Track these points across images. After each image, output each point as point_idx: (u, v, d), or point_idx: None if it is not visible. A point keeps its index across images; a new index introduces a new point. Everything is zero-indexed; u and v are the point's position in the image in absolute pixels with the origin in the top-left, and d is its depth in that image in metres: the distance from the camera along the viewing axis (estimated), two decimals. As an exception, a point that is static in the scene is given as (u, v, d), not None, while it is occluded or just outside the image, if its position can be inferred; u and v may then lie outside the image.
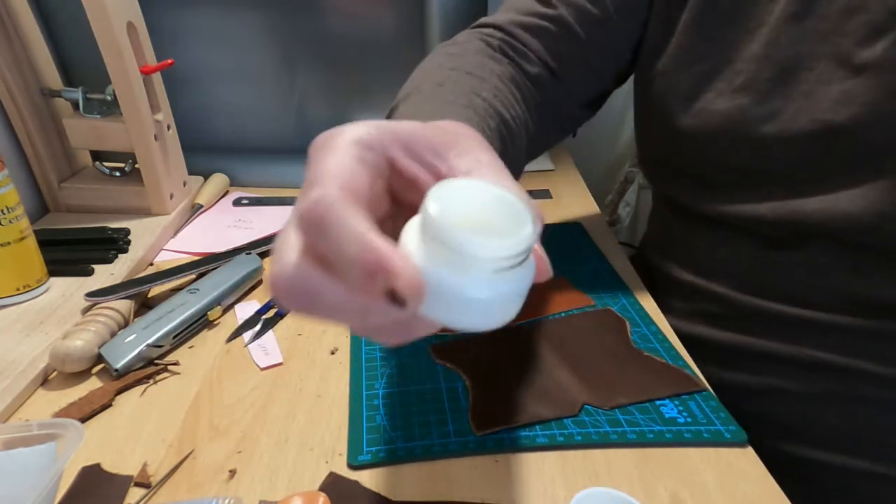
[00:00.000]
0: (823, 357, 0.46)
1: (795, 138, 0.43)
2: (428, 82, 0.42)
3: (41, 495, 0.32)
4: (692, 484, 0.38)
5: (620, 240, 0.95)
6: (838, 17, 0.41)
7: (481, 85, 0.43)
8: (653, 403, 0.43)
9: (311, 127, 0.87)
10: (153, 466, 0.39)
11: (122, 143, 0.66)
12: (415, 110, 0.38)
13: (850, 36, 0.41)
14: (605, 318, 0.53)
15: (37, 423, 0.37)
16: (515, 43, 0.51)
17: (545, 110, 0.52)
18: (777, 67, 0.43)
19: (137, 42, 0.63)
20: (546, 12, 0.51)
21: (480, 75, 0.44)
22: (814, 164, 0.43)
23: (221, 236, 0.69)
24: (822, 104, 0.42)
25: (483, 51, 0.49)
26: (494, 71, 0.46)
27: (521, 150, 0.46)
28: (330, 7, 0.78)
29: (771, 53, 0.44)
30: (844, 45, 0.41)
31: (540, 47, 0.51)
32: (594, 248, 0.65)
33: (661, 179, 0.59)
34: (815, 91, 0.42)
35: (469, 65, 0.46)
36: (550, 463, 0.39)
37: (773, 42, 0.43)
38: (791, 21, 0.42)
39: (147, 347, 0.47)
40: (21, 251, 0.53)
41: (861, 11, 0.40)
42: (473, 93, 0.41)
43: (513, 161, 0.43)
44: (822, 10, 0.41)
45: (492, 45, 0.50)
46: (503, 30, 0.51)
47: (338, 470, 0.38)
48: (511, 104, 0.45)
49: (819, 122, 0.42)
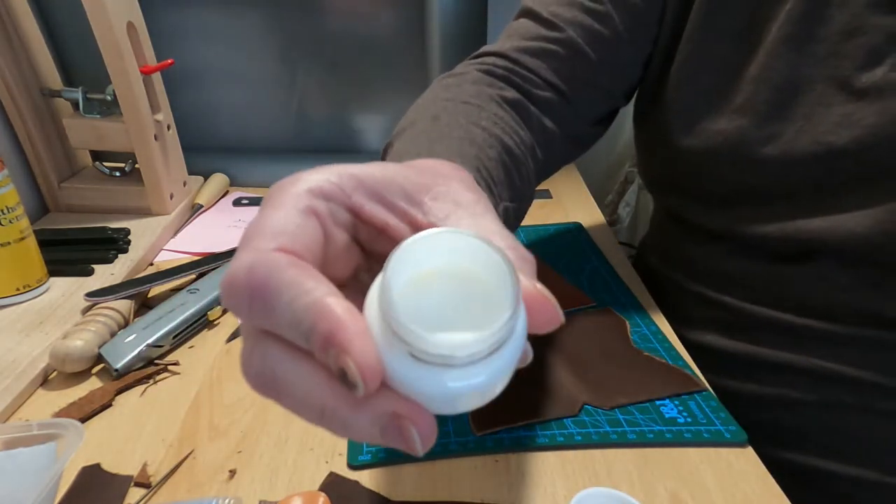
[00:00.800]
0: (835, 368, 0.46)
1: (797, 160, 0.43)
2: (423, 116, 0.41)
3: (41, 495, 0.32)
4: (692, 484, 0.38)
5: (620, 240, 0.95)
6: (836, 39, 0.41)
7: (479, 113, 0.41)
8: (653, 403, 0.43)
9: (311, 127, 0.87)
10: (153, 466, 0.39)
11: (122, 143, 0.66)
12: (407, 147, 0.36)
13: (849, 59, 0.40)
14: (605, 318, 0.53)
15: (37, 423, 0.37)
16: (521, 70, 0.49)
17: (555, 132, 0.50)
18: (775, 89, 0.43)
19: (137, 42, 0.63)
20: (553, 35, 0.49)
21: (478, 103, 0.43)
22: (816, 185, 0.43)
23: (221, 236, 0.69)
24: (822, 126, 0.41)
25: (481, 79, 0.48)
26: (493, 97, 0.45)
27: (529, 174, 0.44)
28: (330, 7, 0.78)
29: (769, 75, 0.43)
30: (843, 69, 0.41)
31: (548, 71, 0.49)
32: (594, 248, 0.65)
33: (664, 196, 0.58)
34: (815, 113, 0.42)
35: (466, 94, 0.44)
36: (550, 463, 0.39)
37: (770, 64, 0.43)
38: (789, 43, 0.42)
39: (147, 347, 0.47)
40: (21, 251, 0.53)
41: (859, 34, 0.40)
42: (471, 122, 0.40)
43: (520, 187, 0.41)
44: (820, 32, 0.41)
45: (494, 73, 0.49)
46: (508, 58, 0.49)
47: (338, 470, 0.38)
48: (513, 130, 0.43)
49: (821, 145, 0.41)
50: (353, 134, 0.88)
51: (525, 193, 0.43)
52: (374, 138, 0.89)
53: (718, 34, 0.46)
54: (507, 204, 0.38)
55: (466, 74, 0.48)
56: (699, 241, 0.54)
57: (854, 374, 0.46)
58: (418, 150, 0.34)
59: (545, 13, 0.49)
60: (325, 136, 0.88)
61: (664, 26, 0.48)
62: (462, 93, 0.44)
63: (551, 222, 0.71)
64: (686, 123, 0.48)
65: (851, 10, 0.40)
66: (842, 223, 0.43)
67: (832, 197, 0.43)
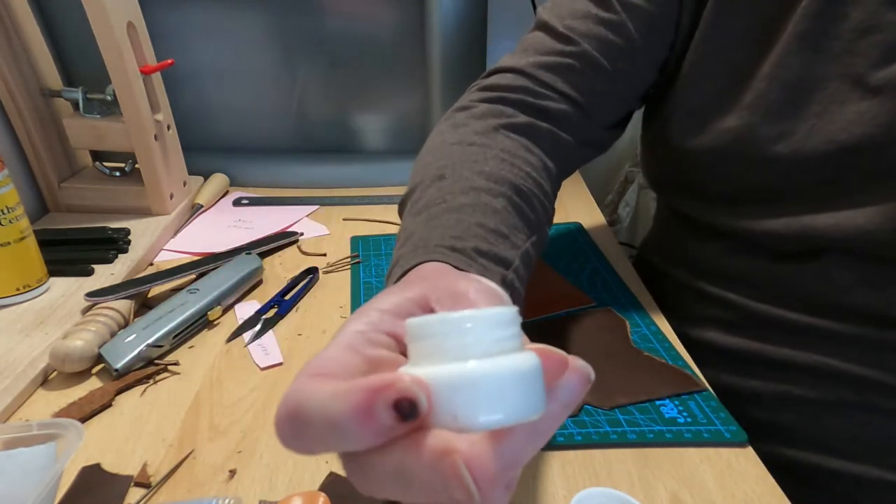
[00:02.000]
0: (837, 366, 0.46)
1: (809, 158, 0.43)
2: (430, 173, 0.43)
3: (41, 495, 0.32)
4: (692, 484, 0.38)
5: (620, 240, 0.95)
6: (851, 37, 0.40)
7: (486, 154, 0.43)
8: (653, 403, 0.43)
9: (311, 127, 0.87)
10: (153, 466, 0.39)
11: (122, 143, 0.66)
12: (413, 228, 0.39)
13: (864, 56, 0.40)
14: (605, 318, 0.53)
15: (37, 423, 0.37)
16: (536, 86, 0.49)
17: (570, 142, 0.50)
18: (788, 87, 0.43)
19: (137, 42, 0.63)
20: (568, 49, 0.49)
21: (484, 142, 0.45)
22: (827, 183, 0.43)
23: (221, 236, 0.69)
24: (835, 124, 0.41)
25: (488, 111, 0.48)
26: (500, 129, 0.46)
27: (543, 198, 0.45)
28: (330, 7, 0.78)
29: (782, 73, 0.43)
30: (858, 66, 0.40)
31: (564, 84, 0.49)
32: (594, 248, 0.65)
33: (668, 194, 0.58)
34: (827, 111, 0.42)
35: (472, 132, 0.46)
36: (550, 463, 0.39)
37: (783, 62, 0.43)
38: (802, 41, 0.42)
39: (147, 347, 0.47)
40: (21, 251, 0.53)
41: (874, 31, 0.39)
42: (475, 173, 0.41)
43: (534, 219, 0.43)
44: (835, 30, 0.41)
45: (506, 100, 0.49)
46: (524, 73, 0.50)
47: (338, 470, 0.38)
48: (523, 160, 0.45)
49: (833, 143, 0.41)
50: (353, 134, 0.88)
51: (542, 220, 0.45)
52: (374, 138, 0.89)
53: (731, 33, 0.45)
54: (526, 246, 0.40)
55: (474, 109, 0.49)
56: (703, 238, 0.54)
57: (856, 371, 0.46)
58: (421, 234, 0.37)
59: (560, 27, 0.48)
60: (325, 136, 0.88)
61: (681, 30, 0.48)
62: (468, 133, 0.46)
63: (551, 222, 0.71)
64: (695, 122, 0.48)
65: (867, 7, 0.40)
66: (851, 219, 0.42)
67: (842, 194, 0.43)
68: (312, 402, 0.19)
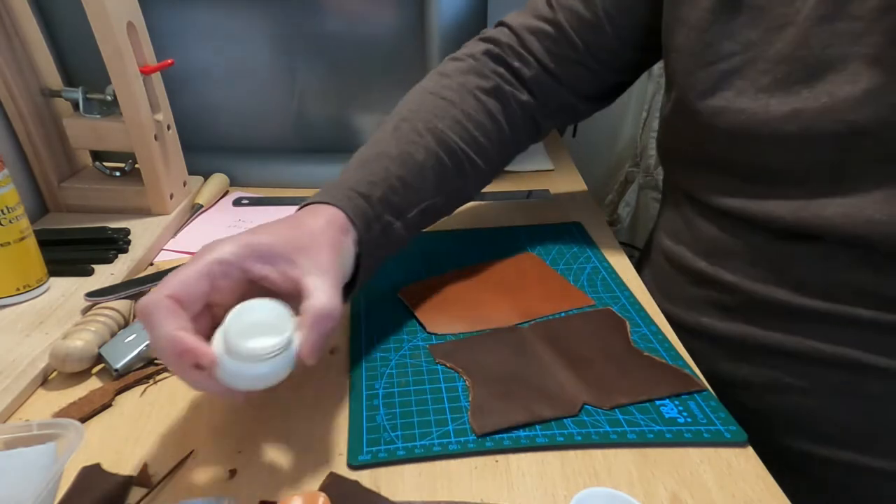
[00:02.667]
0: (829, 350, 0.46)
1: (817, 138, 0.42)
2: (394, 117, 0.52)
3: (41, 495, 0.32)
4: (692, 484, 0.38)
5: (620, 240, 0.95)
6: (872, 16, 0.40)
7: (447, 112, 0.51)
8: (653, 403, 0.43)
9: (311, 127, 0.87)
10: (153, 466, 0.39)
11: (122, 143, 0.66)
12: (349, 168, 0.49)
13: (884, 35, 0.39)
14: (605, 318, 0.53)
15: (37, 423, 0.37)
16: (519, 46, 0.55)
17: (544, 106, 0.55)
18: (805, 68, 0.43)
19: (137, 42, 0.63)
20: (550, 16, 0.54)
21: (452, 98, 0.52)
22: (835, 165, 0.43)
23: (221, 236, 0.69)
24: (846, 104, 0.41)
25: (471, 68, 0.55)
26: (472, 90, 0.54)
27: (479, 164, 0.53)
28: (330, 7, 0.78)
29: (799, 54, 0.43)
30: (878, 46, 0.40)
31: (540, 49, 0.54)
32: (594, 248, 0.65)
33: (676, 169, 0.58)
34: (839, 90, 0.41)
35: (449, 88, 0.53)
36: (550, 463, 0.39)
37: (801, 42, 0.42)
38: (821, 22, 0.41)
39: (147, 347, 0.47)
40: (21, 251, 0.53)
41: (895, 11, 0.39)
42: (428, 129, 0.50)
43: (457, 181, 0.52)
44: (855, 10, 0.40)
45: (491, 53, 0.55)
46: (514, 31, 0.56)
47: (338, 470, 0.38)
48: (476, 123, 0.52)
49: (842, 123, 0.41)
50: (353, 134, 0.88)
51: (480, 180, 0.56)
52: (374, 138, 0.88)
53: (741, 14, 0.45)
54: (428, 203, 0.49)
55: (461, 63, 0.56)
56: (706, 214, 0.53)
57: (848, 355, 0.45)
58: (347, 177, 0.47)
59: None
60: (325, 135, 0.88)
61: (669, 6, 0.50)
62: (447, 86, 0.54)
63: (551, 222, 0.71)
64: (707, 100, 0.48)
65: None
66: (860, 208, 0.42)
67: (848, 179, 0.43)
68: (157, 328, 0.33)
